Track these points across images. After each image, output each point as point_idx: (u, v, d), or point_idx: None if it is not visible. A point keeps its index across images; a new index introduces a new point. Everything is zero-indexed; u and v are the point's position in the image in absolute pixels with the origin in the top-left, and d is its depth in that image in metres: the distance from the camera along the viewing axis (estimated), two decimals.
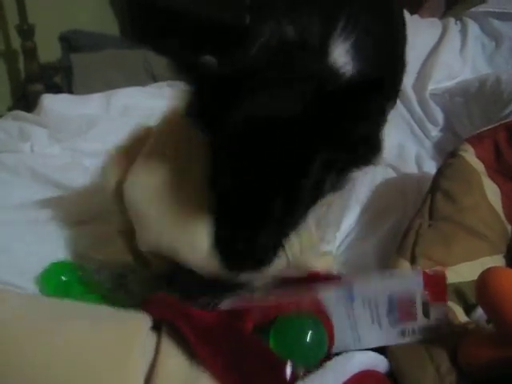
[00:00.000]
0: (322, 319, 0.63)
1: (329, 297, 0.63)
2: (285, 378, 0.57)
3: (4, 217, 0.96)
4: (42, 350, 0.55)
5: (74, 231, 0.94)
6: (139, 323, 0.59)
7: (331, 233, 0.98)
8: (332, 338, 0.63)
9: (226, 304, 0.64)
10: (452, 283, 0.71)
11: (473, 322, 0.66)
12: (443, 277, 0.63)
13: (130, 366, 0.55)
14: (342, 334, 0.64)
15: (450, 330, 0.65)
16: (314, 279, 0.70)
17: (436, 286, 0.63)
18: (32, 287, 0.81)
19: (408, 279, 0.63)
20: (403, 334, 0.65)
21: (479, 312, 0.67)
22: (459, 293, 0.71)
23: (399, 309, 0.63)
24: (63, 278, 0.82)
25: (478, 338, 0.60)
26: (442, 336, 0.64)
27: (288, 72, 0.67)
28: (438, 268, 0.63)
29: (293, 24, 0.75)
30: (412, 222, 0.87)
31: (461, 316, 0.67)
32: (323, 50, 0.72)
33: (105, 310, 0.65)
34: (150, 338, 0.58)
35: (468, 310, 0.69)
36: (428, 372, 0.58)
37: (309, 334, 0.61)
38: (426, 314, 0.64)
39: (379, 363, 0.60)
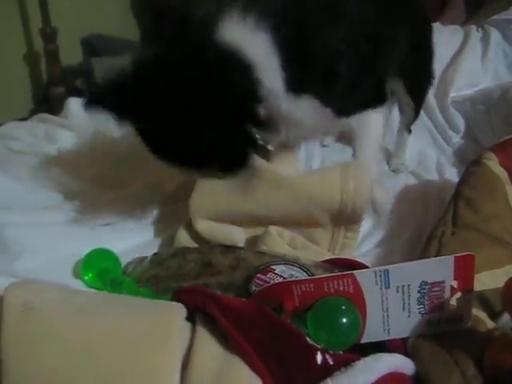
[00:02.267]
0: (357, 303, 0.64)
1: (366, 280, 0.63)
2: (316, 364, 0.58)
3: (33, 218, 0.98)
4: (81, 337, 0.57)
5: (104, 232, 0.95)
6: (176, 310, 0.61)
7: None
8: (365, 323, 0.64)
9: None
10: (476, 291, 0.72)
11: (498, 328, 0.66)
12: (472, 264, 0.62)
13: (170, 351, 0.56)
14: (373, 320, 0.65)
15: (472, 322, 0.65)
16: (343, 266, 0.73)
17: (464, 273, 0.63)
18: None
19: (440, 267, 0.63)
20: (429, 323, 0.65)
21: (505, 318, 0.67)
22: (484, 300, 0.72)
23: (429, 297, 0.64)
24: (103, 265, 0.84)
25: (504, 344, 0.60)
26: (466, 328, 0.65)
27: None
28: (468, 254, 0.63)
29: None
30: (434, 230, 0.87)
31: (486, 323, 0.67)
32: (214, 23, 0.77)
33: (141, 300, 0.67)
34: (186, 327, 0.60)
35: (493, 317, 0.69)
36: (454, 376, 0.59)
37: (346, 318, 0.63)
38: (452, 302, 0.64)
39: (406, 365, 0.61)
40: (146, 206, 1.02)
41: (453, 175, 1.22)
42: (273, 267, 0.74)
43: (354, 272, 0.64)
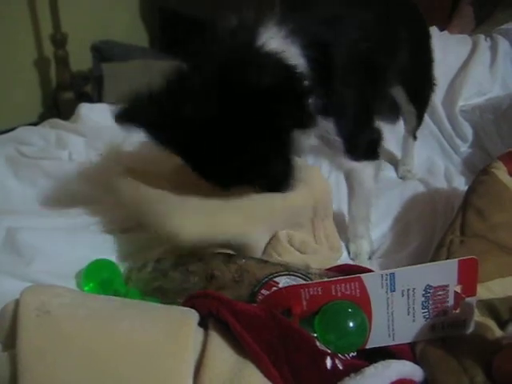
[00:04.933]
0: (363, 306, 0.65)
1: (373, 283, 0.64)
2: (326, 369, 0.59)
3: (43, 222, 0.99)
4: (95, 341, 0.58)
5: (114, 237, 0.96)
6: (189, 316, 0.62)
7: (362, 228, 1.03)
8: (371, 326, 0.66)
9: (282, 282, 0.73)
10: (484, 299, 0.73)
11: (507, 336, 0.67)
12: (475, 267, 0.63)
13: (184, 356, 0.57)
14: (379, 324, 0.66)
15: (481, 330, 0.67)
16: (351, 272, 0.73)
17: (468, 278, 0.64)
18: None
19: (445, 270, 0.64)
20: (433, 328, 0.66)
21: None
22: (492, 308, 0.72)
23: (433, 301, 0.65)
24: (105, 275, 0.84)
25: None
26: (466, 336, 0.66)
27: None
28: (471, 258, 0.64)
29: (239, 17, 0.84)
30: (443, 238, 0.88)
31: (494, 331, 0.68)
32: (253, 33, 0.79)
33: (154, 305, 0.68)
34: (198, 332, 0.61)
35: (501, 325, 0.70)
36: (463, 383, 0.60)
37: (353, 321, 0.64)
38: (456, 307, 0.65)
39: (415, 372, 0.62)
40: None
41: (461, 184, 1.23)
42: (276, 280, 0.74)
43: (361, 275, 0.65)
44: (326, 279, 0.69)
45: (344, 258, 1.01)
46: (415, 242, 1.02)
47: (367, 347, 0.67)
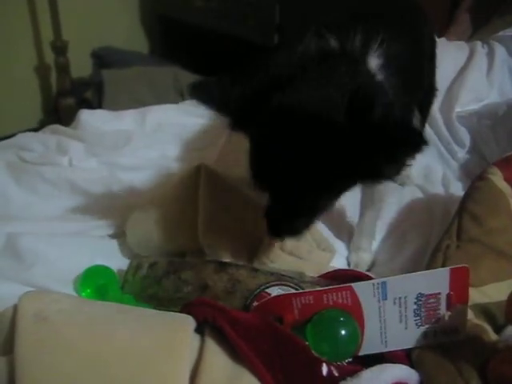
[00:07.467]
0: (355, 314, 0.65)
1: (364, 292, 0.65)
2: (322, 376, 0.59)
3: (44, 228, 1.00)
4: (92, 347, 0.58)
5: (113, 243, 0.97)
6: (186, 323, 0.62)
7: (366, 241, 1.04)
8: (363, 334, 0.66)
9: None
10: (480, 303, 0.74)
11: (502, 341, 0.67)
12: (467, 275, 0.64)
13: (180, 363, 0.57)
14: (371, 331, 0.66)
15: (467, 333, 0.67)
16: (346, 277, 0.75)
17: (460, 286, 0.65)
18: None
19: (436, 279, 0.65)
20: (426, 335, 0.67)
21: (508, 331, 0.69)
22: (487, 313, 0.73)
23: (425, 308, 0.65)
24: (100, 282, 0.85)
25: (508, 356, 0.61)
26: (461, 340, 0.66)
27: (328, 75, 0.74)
28: (463, 266, 0.65)
29: (335, 37, 0.80)
30: (439, 243, 0.88)
31: (490, 335, 0.68)
32: (362, 60, 0.78)
33: (150, 311, 0.68)
34: (194, 338, 0.61)
35: (497, 329, 0.70)
36: None
37: (345, 330, 0.64)
38: (448, 315, 0.66)
39: (411, 376, 0.62)
40: None
41: (458, 189, 1.23)
42: (268, 291, 0.74)
43: (353, 284, 0.65)
44: (317, 288, 0.69)
45: (340, 263, 1.01)
46: (412, 248, 1.03)
47: (360, 354, 0.67)
